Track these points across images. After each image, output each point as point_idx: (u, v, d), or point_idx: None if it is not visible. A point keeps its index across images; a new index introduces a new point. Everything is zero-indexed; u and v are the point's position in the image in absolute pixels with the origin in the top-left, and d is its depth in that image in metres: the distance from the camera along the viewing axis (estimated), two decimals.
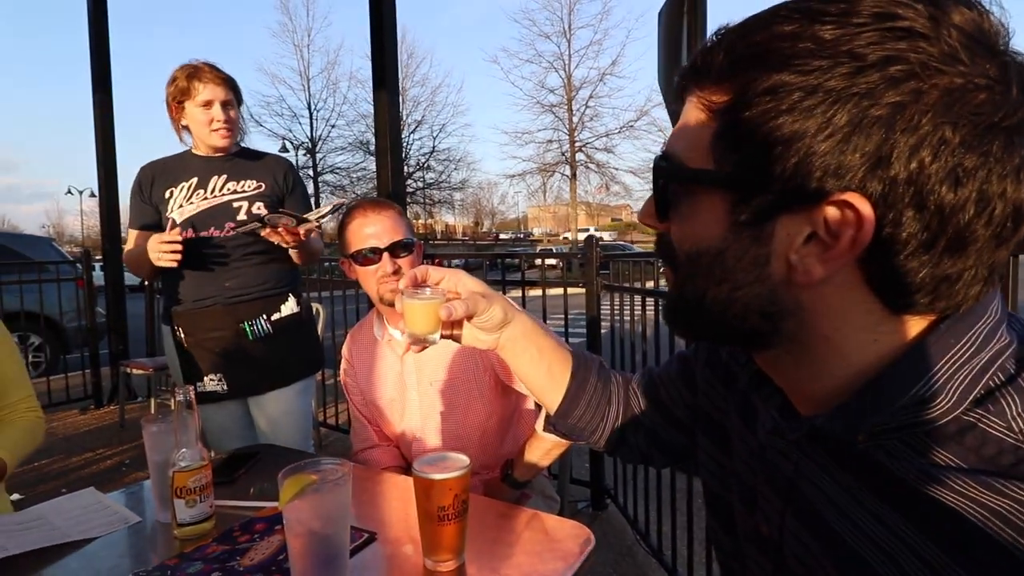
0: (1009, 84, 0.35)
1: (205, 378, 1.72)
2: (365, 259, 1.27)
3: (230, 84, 1.72)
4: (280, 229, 1.62)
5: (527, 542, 0.93)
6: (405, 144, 27.23)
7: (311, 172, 26.23)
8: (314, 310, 1.89)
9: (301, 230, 1.65)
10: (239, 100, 1.76)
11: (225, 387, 1.72)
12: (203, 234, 1.69)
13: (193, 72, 1.66)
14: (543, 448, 1.25)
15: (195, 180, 1.71)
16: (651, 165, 0.48)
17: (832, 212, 0.37)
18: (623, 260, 2.82)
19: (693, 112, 0.44)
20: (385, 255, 1.26)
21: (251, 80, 32.89)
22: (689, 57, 0.47)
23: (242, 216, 1.71)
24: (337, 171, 26.80)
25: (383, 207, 1.30)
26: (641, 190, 27.91)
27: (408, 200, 27.87)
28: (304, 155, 26.11)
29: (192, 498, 0.91)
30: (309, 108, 26.07)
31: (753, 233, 0.41)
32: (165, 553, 0.89)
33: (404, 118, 27.26)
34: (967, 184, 0.35)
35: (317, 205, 1.81)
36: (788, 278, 0.41)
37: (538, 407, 1.38)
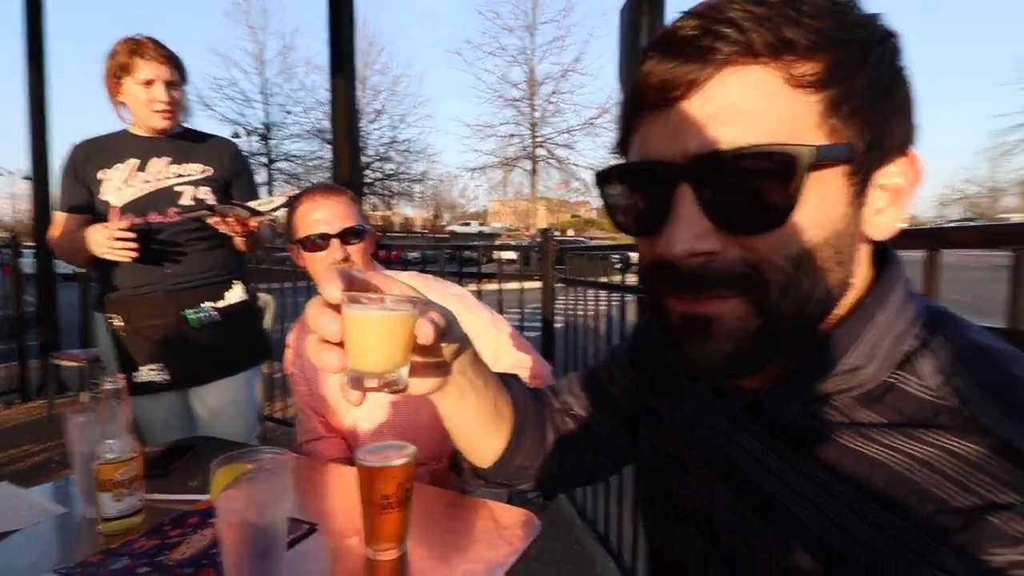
0: None
1: (143, 368, 1.63)
2: (313, 245, 1.23)
3: (174, 63, 1.63)
4: (230, 219, 1.56)
5: (473, 528, 0.93)
6: (364, 133, 26.69)
7: (264, 159, 25.36)
8: (261, 301, 1.80)
9: (253, 222, 1.59)
10: (184, 80, 1.67)
11: (166, 377, 1.64)
12: (144, 220, 1.60)
13: (135, 47, 1.57)
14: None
15: (134, 162, 1.62)
16: (671, 168, 0.40)
17: (897, 169, 0.42)
18: (579, 254, 2.86)
19: (769, 86, 0.38)
20: (335, 241, 1.23)
21: (201, 61, 31.49)
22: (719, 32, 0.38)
23: (186, 201, 1.63)
24: (292, 159, 25.99)
25: (333, 192, 1.26)
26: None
27: (366, 191, 27.32)
28: (258, 141, 25.20)
29: (119, 491, 0.87)
30: (263, 93, 25.17)
31: (860, 200, 0.41)
32: (90, 549, 0.84)
33: (363, 107, 26.70)
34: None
35: (270, 194, 1.75)
36: (864, 240, 0.43)
37: None
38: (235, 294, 1.72)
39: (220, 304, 1.69)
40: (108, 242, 1.48)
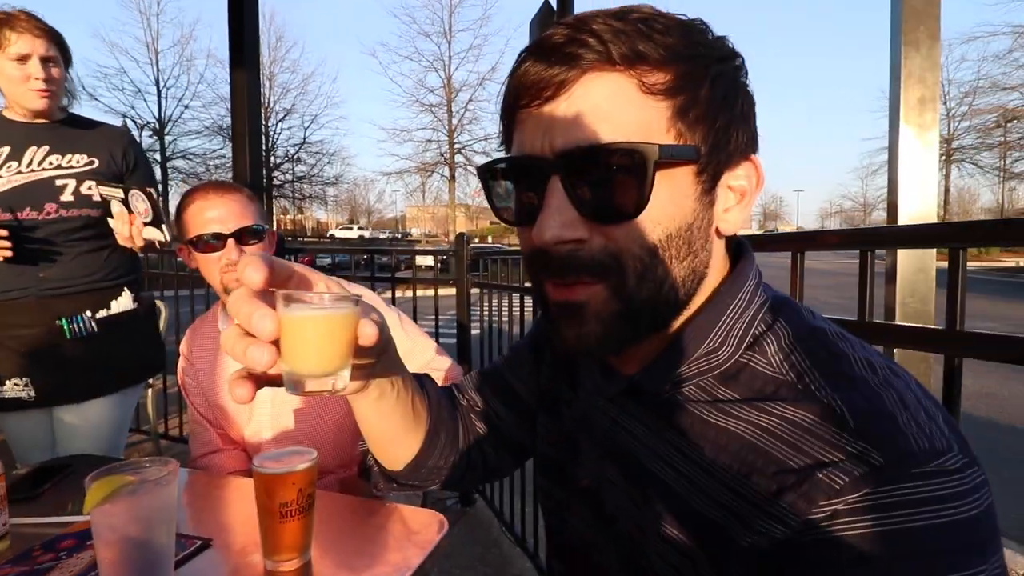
0: None
1: (8, 382, 1.45)
2: (207, 245, 1.16)
3: (54, 38, 1.46)
4: (136, 220, 1.41)
5: (381, 533, 0.92)
6: (272, 133, 25.40)
7: (158, 156, 23.45)
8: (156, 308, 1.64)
9: (138, 239, 1.44)
10: (66, 60, 1.51)
11: (32, 393, 1.46)
12: (18, 216, 1.42)
13: (5, 19, 1.40)
14: None
15: (7, 149, 1.45)
16: (546, 165, 0.44)
17: (743, 172, 0.48)
18: (493, 258, 2.88)
19: (623, 92, 0.42)
20: (230, 241, 1.16)
21: (84, 47, 28.61)
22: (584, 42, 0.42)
23: (67, 197, 1.46)
24: (190, 157, 24.26)
25: (228, 189, 1.20)
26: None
27: (275, 194, 26.01)
28: (150, 136, 23.30)
29: None
30: (157, 84, 23.35)
31: (709, 199, 0.47)
32: None
33: (271, 105, 25.42)
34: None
35: (165, 195, 1.61)
36: (716, 235, 0.49)
37: None
38: (122, 302, 1.57)
39: (103, 313, 1.53)
40: None
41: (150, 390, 3.03)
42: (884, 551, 0.36)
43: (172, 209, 1.50)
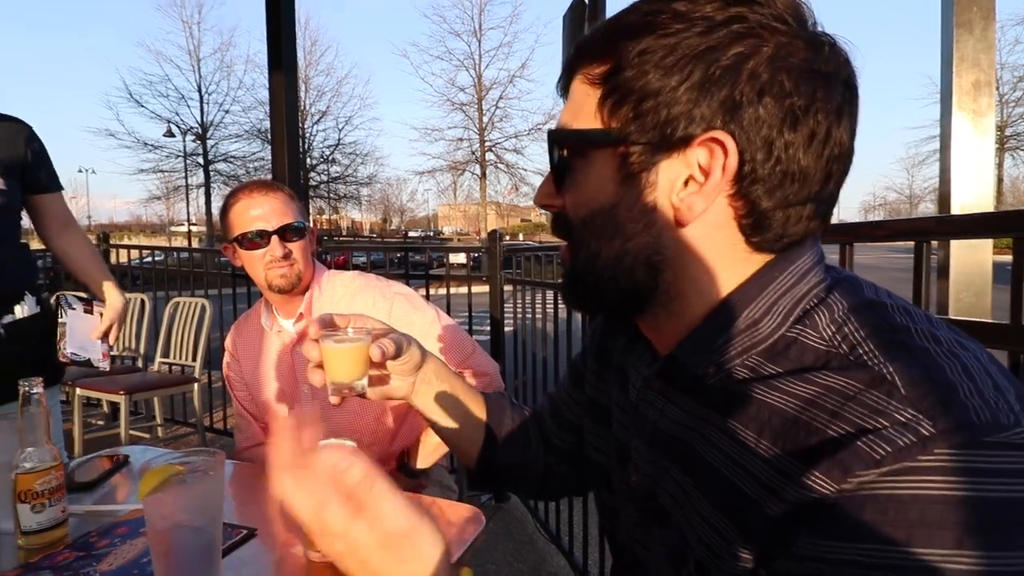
0: (821, 44, 0.44)
1: None
2: (251, 243, 1.19)
3: None
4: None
5: None
6: (308, 135, 25.96)
7: (201, 160, 24.27)
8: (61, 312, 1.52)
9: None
10: None
11: None
12: None
13: None
14: (438, 437, 1.25)
15: None
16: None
17: (703, 152, 0.44)
18: (527, 255, 2.88)
19: (579, 87, 0.49)
20: (274, 238, 1.19)
21: (130, 56, 29.76)
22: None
23: None
24: (231, 160, 25.01)
25: (271, 188, 1.23)
26: None
27: (311, 194, 26.58)
28: (193, 140, 24.11)
29: (40, 502, 0.82)
30: (199, 91, 24.13)
31: (640, 183, 0.46)
32: (7, 564, 0.79)
33: (307, 107, 25.98)
34: (802, 123, 0.43)
35: (208, 198, 1.58)
36: (672, 221, 0.46)
37: None
38: (23, 308, 1.47)
39: (7, 319, 1.44)
40: None
41: (196, 384, 3.14)
42: (918, 522, 0.34)
43: (215, 210, 1.50)
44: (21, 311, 1.46)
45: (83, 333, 1.52)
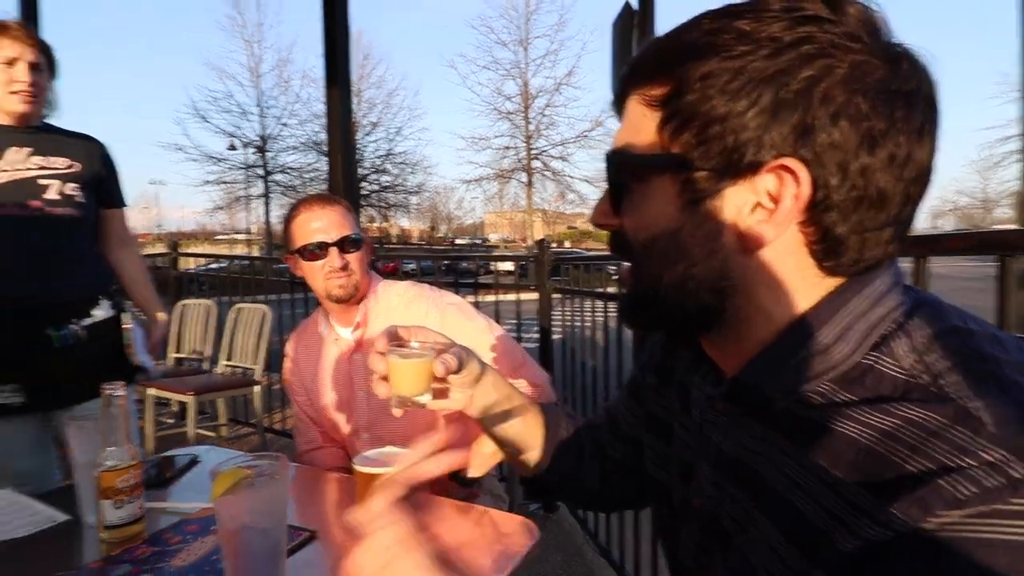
0: (899, 59, 0.42)
1: None
2: (312, 254, 1.24)
3: (42, 48, 1.51)
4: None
5: (472, 536, 0.93)
6: (360, 146, 26.76)
7: (261, 171, 25.41)
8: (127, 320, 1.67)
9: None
10: (52, 71, 1.57)
11: (21, 399, 1.46)
12: (1, 212, 1.45)
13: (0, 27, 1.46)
14: (491, 446, 1.25)
15: None
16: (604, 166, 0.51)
17: (771, 179, 0.43)
18: (575, 264, 2.87)
19: (635, 108, 0.48)
20: (333, 250, 1.24)
21: (197, 74, 31.54)
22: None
23: (52, 195, 1.48)
24: (288, 171, 26.04)
25: (330, 201, 1.28)
26: (596, 198, 28.25)
27: (363, 203, 27.35)
28: (254, 153, 25.27)
29: (120, 499, 0.87)
30: (259, 105, 25.27)
31: (704, 208, 0.45)
32: (91, 556, 0.85)
33: (359, 120, 26.79)
34: (881, 146, 0.41)
35: (267, 207, 1.71)
36: (740, 247, 0.45)
37: None
38: (101, 311, 1.59)
39: (85, 322, 1.55)
40: None
41: (257, 387, 3.28)
42: (1009, 568, 0.32)
43: (273, 219, 1.59)
44: (99, 314, 1.58)
45: (139, 343, 1.68)
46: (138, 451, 0.92)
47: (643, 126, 0.47)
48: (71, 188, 1.53)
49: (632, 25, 2.44)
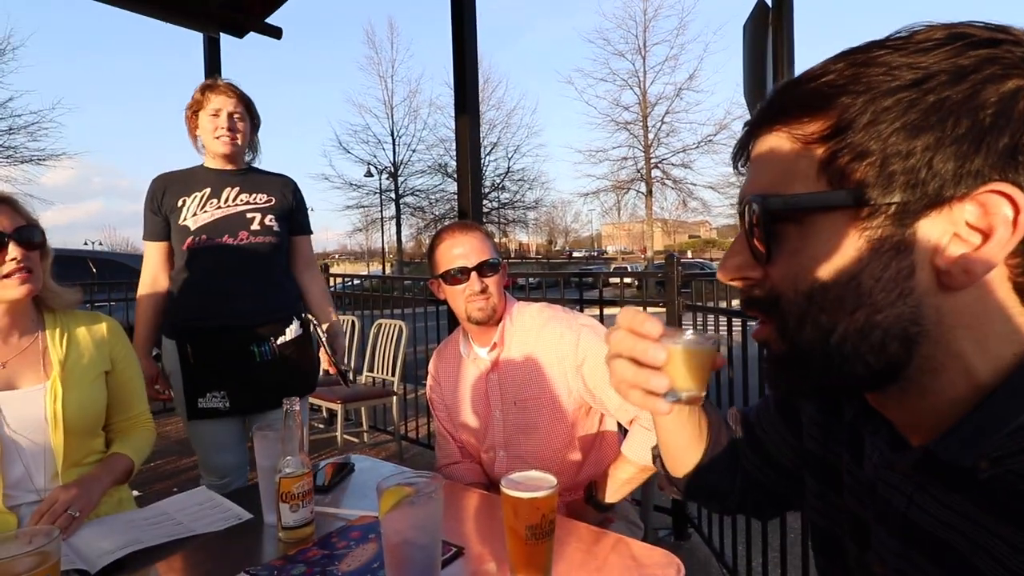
0: None
1: (208, 394, 1.75)
2: (454, 279, 1.31)
3: (242, 99, 1.80)
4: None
5: (614, 567, 0.91)
6: (481, 166, 27.87)
7: (393, 194, 27.46)
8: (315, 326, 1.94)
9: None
10: (254, 121, 1.85)
11: (227, 404, 1.76)
12: (217, 242, 1.74)
13: (210, 85, 1.77)
14: (628, 472, 1.23)
15: (208, 190, 1.76)
16: (736, 198, 0.49)
17: (972, 208, 0.39)
18: (705, 279, 2.74)
19: (782, 147, 0.45)
20: (473, 274, 1.30)
21: (341, 110, 35.05)
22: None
23: (255, 226, 1.77)
24: (417, 193, 27.91)
25: (470, 229, 1.34)
26: (720, 205, 26.82)
27: (483, 220, 28.45)
28: (387, 179, 27.41)
29: (295, 503, 0.98)
30: (392, 135, 27.41)
31: (893, 246, 0.41)
32: (272, 553, 0.96)
33: (480, 141, 28.00)
34: None
35: (399, 228, 1.91)
36: (938, 286, 0.40)
37: (622, 429, 1.36)
38: (293, 328, 1.85)
39: (280, 340, 1.81)
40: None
41: (394, 397, 3.52)
42: None
43: (404, 238, 1.77)
44: (291, 333, 1.86)
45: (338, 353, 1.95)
46: (310, 460, 1.03)
47: (798, 166, 0.44)
48: (269, 219, 1.80)
49: (767, 24, 2.30)
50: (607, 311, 2.98)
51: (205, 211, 1.75)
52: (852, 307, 0.42)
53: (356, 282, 5.99)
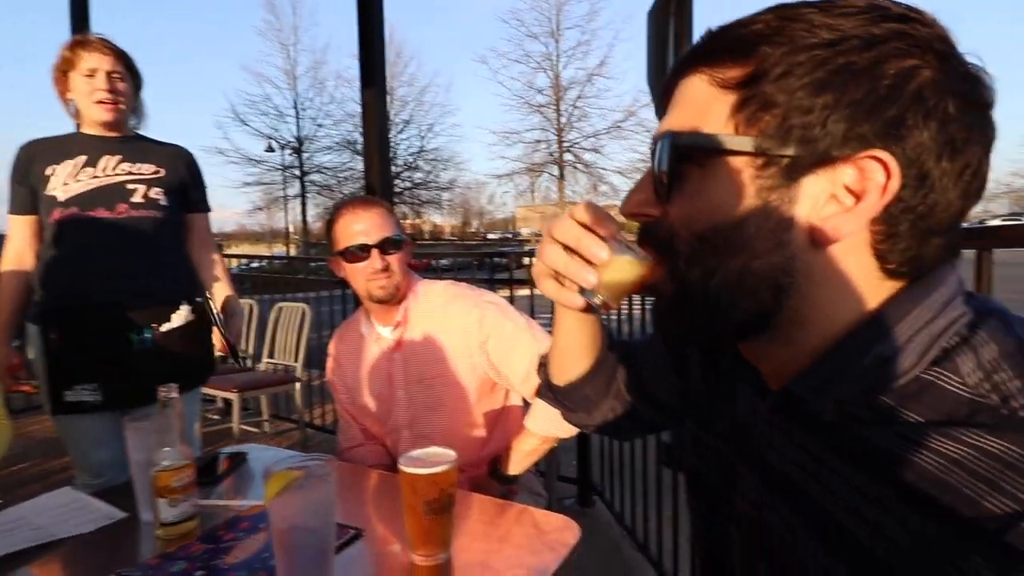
0: (978, 72, 0.42)
1: (76, 387, 1.53)
2: (354, 256, 1.26)
3: (121, 57, 1.59)
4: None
5: (515, 535, 0.93)
6: (393, 144, 27.06)
7: (298, 171, 26.00)
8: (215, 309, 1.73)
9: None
10: (136, 81, 1.65)
11: (99, 397, 1.54)
12: (90, 214, 1.53)
13: (80, 42, 1.55)
14: (531, 444, 1.25)
15: (83, 158, 1.55)
16: (648, 150, 0.49)
17: (851, 171, 0.41)
18: None
19: (701, 88, 0.45)
20: (374, 252, 1.25)
21: (237, 79, 32.49)
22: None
23: (137, 199, 1.57)
24: (324, 171, 26.63)
25: (371, 204, 1.29)
26: (628, 190, 27.88)
27: (396, 200, 27.69)
28: (291, 154, 25.89)
29: (175, 497, 0.91)
30: (295, 107, 25.86)
31: (777, 198, 0.42)
32: (148, 552, 0.88)
33: (392, 118, 27.08)
34: (960, 155, 0.40)
35: (304, 207, 1.77)
36: (809, 241, 0.43)
37: (526, 404, 1.39)
38: (180, 316, 1.65)
39: (165, 327, 1.62)
40: None
41: (298, 384, 3.36)
42: None
43: (310, 219, 1.65)
44: (178, 319, 1.65)
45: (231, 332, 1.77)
46: (191, 451, 0.95)
47: (712, 108, 0.44)
48: (155, 192, 1.61)
49: (669, 14, 2.39)
50: (517, 292, 3.02)
51: (79, 180, 1.54)
52: (733, 253, 0.44)
53: (255, 264, 5.64)
